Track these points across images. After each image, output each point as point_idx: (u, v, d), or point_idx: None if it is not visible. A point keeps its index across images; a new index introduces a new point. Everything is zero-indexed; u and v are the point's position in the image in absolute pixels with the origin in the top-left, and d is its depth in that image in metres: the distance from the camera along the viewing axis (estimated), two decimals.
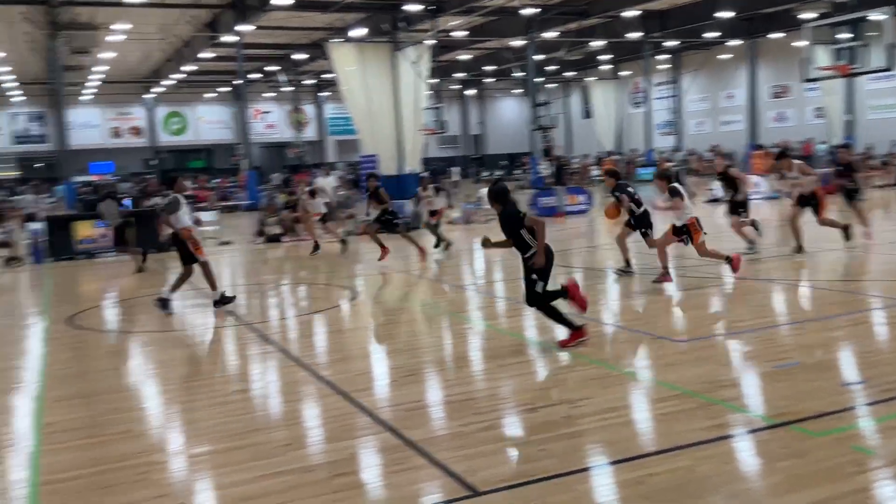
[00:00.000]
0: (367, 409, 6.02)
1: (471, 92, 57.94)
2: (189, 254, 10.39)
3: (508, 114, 60.23)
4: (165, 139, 52.81)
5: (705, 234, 10.46)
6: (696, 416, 5.46)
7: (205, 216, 22.40)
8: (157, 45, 35.74)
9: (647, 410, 5.83)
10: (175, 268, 11.41)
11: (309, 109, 54.21)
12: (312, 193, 18.06)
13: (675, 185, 10.63)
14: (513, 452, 5.15)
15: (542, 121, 34.58)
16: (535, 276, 7.23)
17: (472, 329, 9.22)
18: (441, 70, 42.54)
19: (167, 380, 7.43)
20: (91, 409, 6.51)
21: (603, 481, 4.63)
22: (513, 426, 5.63)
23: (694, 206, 10.94)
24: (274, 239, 19.95)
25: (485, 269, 14.50)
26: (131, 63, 40.25)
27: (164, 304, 10.33)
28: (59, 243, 17.92)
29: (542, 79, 40.29)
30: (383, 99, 30.33)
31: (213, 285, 10.60)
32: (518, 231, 7.30)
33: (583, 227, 20.42)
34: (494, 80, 52.34)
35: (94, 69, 38.29)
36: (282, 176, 35.41)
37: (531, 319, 9.19)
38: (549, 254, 7.25)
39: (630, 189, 11.34)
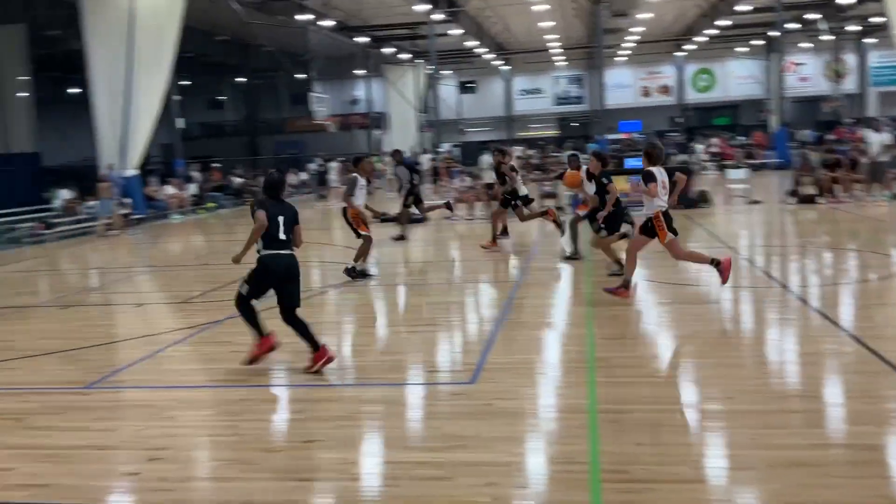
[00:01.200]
0: None
1: None
2: (363, 224, 10.95)
3: None
4: (692, 96, 53.10)
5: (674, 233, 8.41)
6: None
7: (734, 174, 22.12)
8: (693, 1, 35.88)
9: None
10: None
11: (849, 59, 49.05)
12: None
13: (652, 169, 8.43)
14: None
15: None
16: (245, 278, 6.67)
17: None
18: None
19: (697, 334, 7.50)
20: (634, 350, 6.96)
21: None
22: None
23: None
24: (808, 200, 18.71)
25: None
26: (665, 22, 41.18)
27: (352, 273, 10.86)
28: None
29: None
30: None
31: (358, 258, 10.97)
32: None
33: None
34: None
35: (630, 30, 40.18)
36: (813, 133, 33.00)
37: None
38: (267, 265, 6.50)
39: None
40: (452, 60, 47.76)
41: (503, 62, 51.37)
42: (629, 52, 47.61)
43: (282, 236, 6.51)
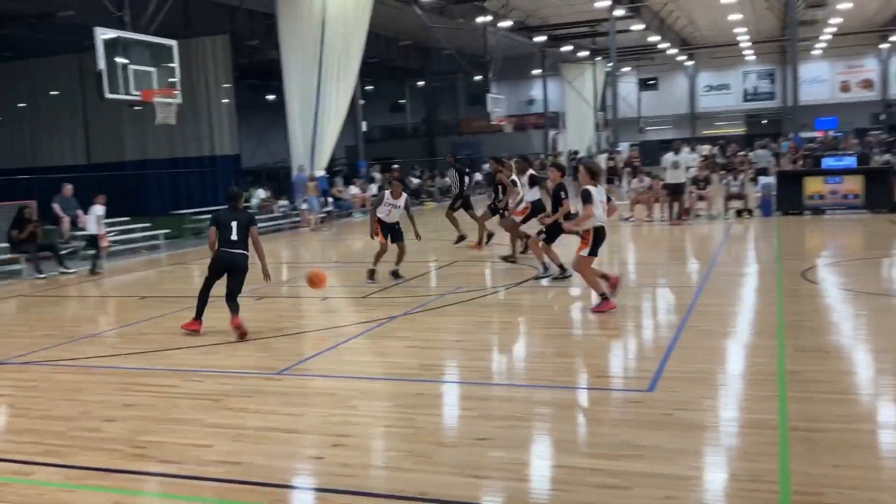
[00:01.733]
0: None
1: None
2: (399, 233, 11.85)
3: None
4: None
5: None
6: None
7: None
8: None
9: None
10: None
11: None
12: None
13: (591, 188, 8.77)
14: None
15: None
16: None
17: None
18: None
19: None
20: (829, 364, 6.45)
21: None
22: None
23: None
24: None
25: None
26: (868, 12, 38.03)
27: (370, 274, 11.69)
28: (787, 198, 18.25)
29: None
30: None
31: (374, 261, 11.75)
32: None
33: None
34: None
35: (828, 22, 37.44)
36: None
37: None
38: (217, 258, 8.54)
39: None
40: (632, 57, 46.63)
41: (687, 57, 49.49)
42: (826, 44, 44.35)
43: (233, 238, 8.41)
